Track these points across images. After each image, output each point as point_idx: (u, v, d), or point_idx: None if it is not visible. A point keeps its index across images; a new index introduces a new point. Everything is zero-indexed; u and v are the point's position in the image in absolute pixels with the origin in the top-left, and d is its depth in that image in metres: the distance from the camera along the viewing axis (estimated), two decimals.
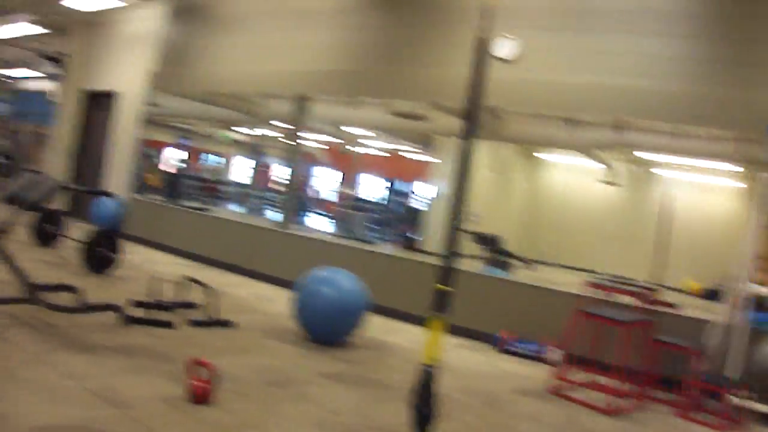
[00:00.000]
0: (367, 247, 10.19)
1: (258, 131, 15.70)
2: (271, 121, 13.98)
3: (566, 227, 16.42)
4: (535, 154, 17.49)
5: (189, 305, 7.12)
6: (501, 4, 8.21)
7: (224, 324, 6.82)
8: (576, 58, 8.10)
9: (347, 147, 16.31)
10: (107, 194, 9.91)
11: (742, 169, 13.87)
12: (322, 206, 17.25)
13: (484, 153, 15.63)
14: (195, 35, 12.15)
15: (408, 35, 9.39)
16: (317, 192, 17.43)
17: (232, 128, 16.21)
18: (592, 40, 8.03)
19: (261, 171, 16.26)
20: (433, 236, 14.82)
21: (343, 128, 14.65)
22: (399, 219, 16.41)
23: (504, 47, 8.23)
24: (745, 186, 15.17)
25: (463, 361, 7.00)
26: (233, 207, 16.16)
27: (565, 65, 8.15)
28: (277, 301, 8.58)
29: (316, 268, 6.99)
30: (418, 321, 8.06)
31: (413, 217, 15.64)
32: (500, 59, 8.11)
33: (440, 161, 15.16)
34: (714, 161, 12.61)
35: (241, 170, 17.01)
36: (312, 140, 15.71)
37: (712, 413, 6.17)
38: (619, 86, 7.78)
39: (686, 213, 13.87)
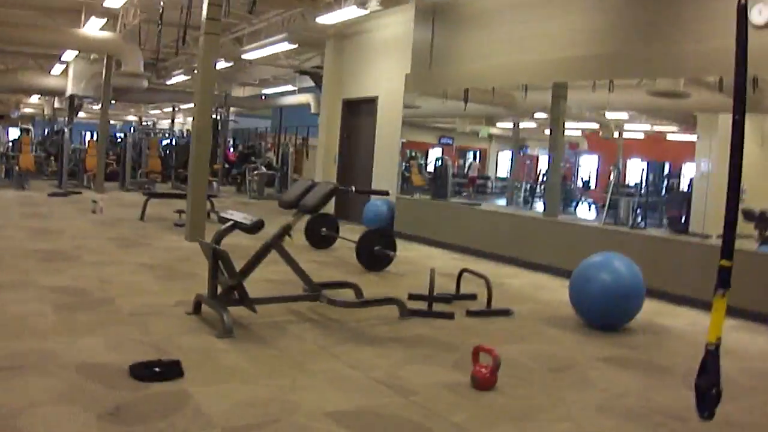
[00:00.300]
0: (636, 232, 9.85)
1: (519, 124, 15.56)
2: (531, 113, 13.82)
3: None
4: None
5: (467, 296, 7.17)
6: None
7: (502, 313, 6.79)
8: None
9: (609, 133, 15.84)
10: (386, 193, 10.05)
11: None
12: (588, 194, 16.88)
13: (748, 126, 14.79)
14: (446, 34, 12.20)
15: (662, 11, 8.86)
16: (582, 180, 17.09)
17: (493, 124, 16.20)
18: None
19: (524, 163, 16.13)
20: (700, 217, 14.07)
21: (603, 114, 14.26)
22: (665, 202, 15.74)
23: (761, 13, 7.66)
24: None
25: (744, 342, 6.52)
26: (499, 201, 16.15)
27: None
28: (552, 290, 8.43)
29: (592, 254, 6.79)
30: (693, 303, 7.81)
31: (680, 199, 14.94)
32: (758, 26, 7.58)
33: (704, 140, 14.42)
34: None
35: (504, 164, 17.00)
36: (573, 128, 15.43)
37: None
38: None
39: None
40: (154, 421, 3.53)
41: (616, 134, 15.65)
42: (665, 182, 16.36)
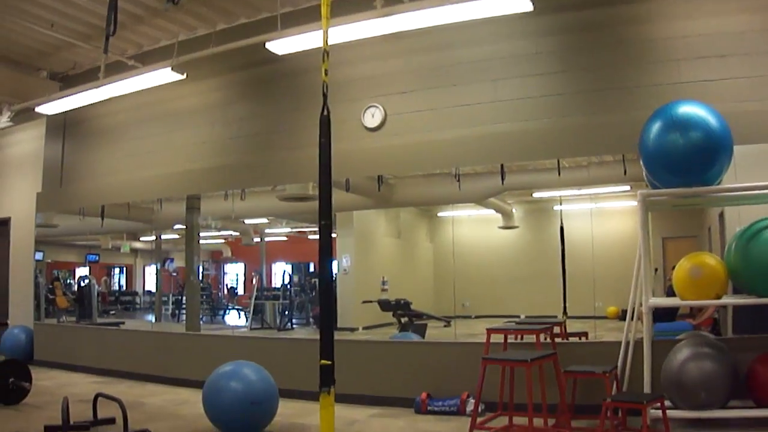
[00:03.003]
0: (277, 335, 10.14)
1: (161, 237, 15.39)
2: (172, 225, 13.73)
3: (478, 278, 16.55)
4: (439, 213, 17.68)
5: (105, 421, 6.87)
6: (361, 76, 8.45)
7: None
8: (448, 113, 8.30)
9: (249, 238, 16.12)
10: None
11: (629, 189, 14.22)
12: (236, 300, 17.02)
13: (383, 220, 15.88)
14: (79, 150, 11.93)
15: (283, 120, 9.52)
16: (228, 287, 17.20)
17: (137, 238, 15.92)
18: (460, 93, 8.28)
19: (170, 276, 15.94)
20: (348, 310, 14.69)
21: (242, 221, 14.54)
22: (311, 300, 16.22)
23: (372, 117, 8.37)
24: (636, 203, 15.52)
25: (384, 429, 6.88)
26: (148, 317, 15.77)
27: (440, 122, 8.37)
28: (193, 404, 8.21)
29: (221, 365, 6.84)
30: (338, 399, 8.00)
31: None
32: (371, 129, 8.27)
33: (343, 236, 15.15)
34: (603, 186, 12.90)
35: (150, 278, 16.70)
36: (215, 237, 15.59)
37: (636, 431, 6.20)
38: (497, 132, 8.02)
39: (591, 241, 14.06)
40: None
41: (257, 239, 16.01)
42: (310, 281, 16.91)
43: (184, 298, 16.07)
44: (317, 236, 15.03)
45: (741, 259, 6.26)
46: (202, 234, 11.82)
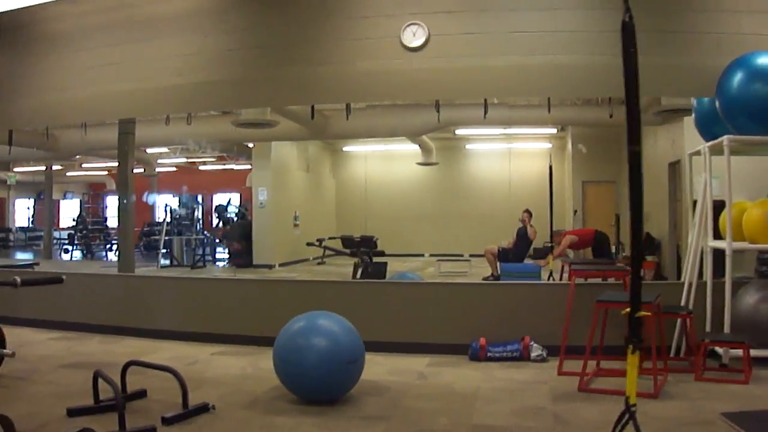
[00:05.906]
0: (246, 276, 8.91)
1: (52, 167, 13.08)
2: (76, 155, 11.69)
3: (385, 216, 16.01)
4: (344, 148, 16.85)
5: (137, 395, 5.38)
6: None
7: (202, 410, 5.09)
8: (501, 38, 7.28)
9: (153, 168, 14.31)
10: None
11: (555, 131, 14.03)
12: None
13: (296, 154, 14.78)
14: (17, 61, 9.00)
15: (292, 33, 7.74)
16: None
17: (13, 169, 13.53)
18: (515, 19, 7.26)
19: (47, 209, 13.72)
20: (262, 247, 13.55)
21: (143, 150, 12.76)
22: (225, 236, 14.82)
23: (413, 35, 7.22)
24: (551, 146, 15.52)
25: (459, 379, 5.97)
26: (25, 254, 13.54)
27: (491, 47, 7.28)
28: (208, 363, 6.83)
29: (294, 318, 5.53)
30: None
31: (239, 231, 14.16)
32: (412, 49, 7.21)
33: (261, 169, 13.94)
34: (528, 128, 12.68)
35: (25, 212, 14.50)
36: (98, 168, 13.63)
37: (721, 370, 6.06)
38: (554, 64, 7.14)
39: (506, 179, 13.87)
40: None
41: (159, 170, 14.36)
42: (224, 215, 15.57)
43: (77, 233, 14.13)
44: (208, 167, 13.95)
45: None
46: (84, 165, 10.25)
